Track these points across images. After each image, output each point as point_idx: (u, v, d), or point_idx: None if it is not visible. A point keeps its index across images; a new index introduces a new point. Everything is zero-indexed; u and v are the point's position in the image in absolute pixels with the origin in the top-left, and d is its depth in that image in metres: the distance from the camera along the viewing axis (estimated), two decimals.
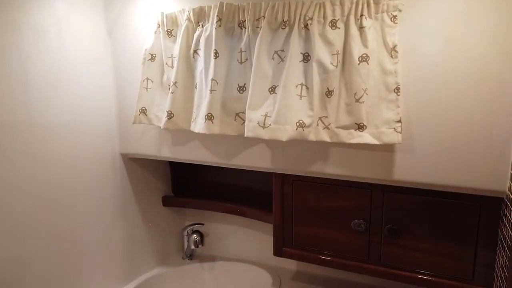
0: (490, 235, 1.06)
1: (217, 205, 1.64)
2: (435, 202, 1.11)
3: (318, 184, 1.27)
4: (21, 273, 1.10)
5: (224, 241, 1.77)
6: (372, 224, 1.21)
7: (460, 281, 1.12)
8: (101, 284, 1.37)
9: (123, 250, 1.47)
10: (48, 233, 1.17)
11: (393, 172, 1.08)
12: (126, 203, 1.48)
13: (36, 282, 1.14)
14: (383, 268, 1.22)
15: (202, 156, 1.33)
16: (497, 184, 0.98)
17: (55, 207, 1.19)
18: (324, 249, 1.30)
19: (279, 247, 1.37)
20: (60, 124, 1.20)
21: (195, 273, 1.68)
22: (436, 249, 1.13)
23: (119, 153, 1.44)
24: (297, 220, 1.32)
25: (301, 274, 1.57)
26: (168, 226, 1.73)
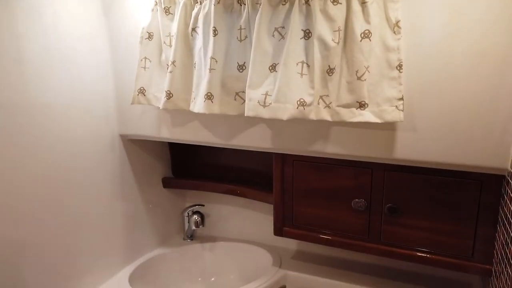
0: (490, 212, 1.07)
1: (217, 186, 1.64)
2: (436, 180, 1.11)
3: (319, 163, 1.26)
4: (21, 255, 1.10)
5: (224, 222, 1.77)
6: (373, 203, 1.21)
7: (459, 259, 1.13)
8: (102, 265, 1.38)
9: (124, 231, 1.48)
10: (48, 215, 1.17)
11: (394, 151, 1.07)
12: (126, 185, 1.47)
13: (37, 264, 1.14)
14: (383, 246, 1.23)
15: (201, 137, 1.32)
16: (499, 161, 0.97)
17: (54, 189, 1.19)
18: (324, 228, 1.31)
19: (279, 226, 1.38)
20: (57, 105, 1.18)
21: (196, 253, 1.70)
22: (436, 227, 1.14)
23: (118, 134, 1.43)
24: (297, 200, 1.33)
25: (302, 253, 1.59)
26: (169, 208, 1.74)
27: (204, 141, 1.32)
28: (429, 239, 1.15)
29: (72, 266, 1.26)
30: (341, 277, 1.39)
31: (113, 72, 1.37)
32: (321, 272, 1.43)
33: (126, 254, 1.50)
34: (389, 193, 1.18)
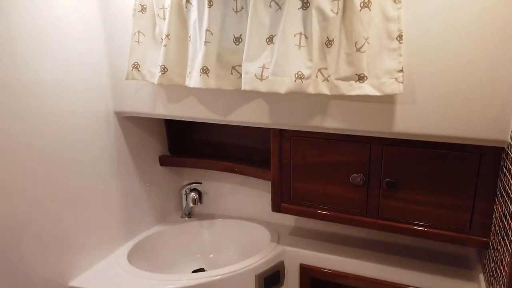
0: (489, 185, 1.06)
1: (214, 164, 1.63)
2: (435, 154, 1.11)
3: (317, 139, 1.25)
4: (19, 233, 1.10)
5: (222, 199, 1.77)
6: (371, 178, 1.21)
7: (457, 232, 1.14)
8: (100, 242, 1.38)
9: (121, 210, 1.47)
10: (43, 192, 1.16)
11: (394, 124, 1.06)
12: (122, 163, 1.46)
13: (35, 242, 1.14)
14: (381, 221, 1.23)
15: (198, 113, 1.30)
16: (498, 133, 0.96)
17: (49, 166, 1.17)
18: (322, 204, 1.30)
19: (277, 203, 1.38)
20: (49, 81, 1.15)
21: (194, 231, 1.70)
22: (434, 201, 1.14)
23: (113, 111, 1.40)
24: (295, 175, 1.32)
25: (299, 229, 1.59)
26: (166, 186, 1.73)
27: (201, 117, 1.30)
28: (427, 213, 1.16)
29: (70, 244, 1.25)
30: (339, 252, 1.40)
31: (106, 47, 1.34)
32: (319, 248, 1.43)
33: (124, 232, 1.50)
34: (387, 168, 1.17)
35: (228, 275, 1.29)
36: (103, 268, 1.34)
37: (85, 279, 1.28)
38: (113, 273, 1.31)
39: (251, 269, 1.34)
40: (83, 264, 1.31)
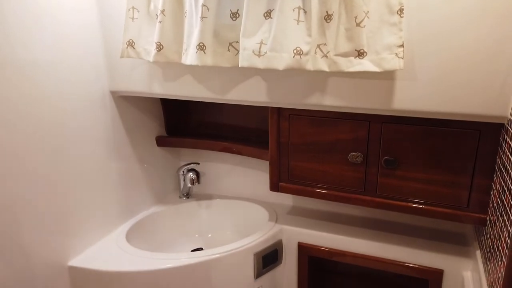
0: (488, 162, 1.06)
1: (212, 144, 1.62)
2: (434, 131, 1.10)
3: (315, 117, 1.24)
4: (17, 215, 1.09)
5: (220, 180, 1.77)
6: (369, 156, 1.20)
7: (455, 209, 1.14)
8: (98, 222, 1.38)
9: (119, 190, 1.47)
10: (42, 175, 1.15)
11: (393, 101, 1.05)
12: (119, 143, 1.45)
13: (34, 224, 1.14)
14: (378, 199, 1.23)
15: (194, 92, 1.28)
16: (499, 109, 0.96)
17: (46, 148, 1.16)
18: (320, 183, 1.30)
19: (275, 182, 1.38)
20: (44, 60, 1.13)
21: (192, 211, 1.70)
22: (433, 178, 1.14)
23: (108, 90, 1.38)
24: (293, 154, 1.31)
25: (297, 209, 1.60)
26: (164, 167, 1.72)
27: (197, 96, 1.29)
28: (425, 191, 1.16)
29: (68, 224, 1.25)
30: (336, 230, 1.41)
31: (100, 24, 1.31)
32: (316, 226, 1.44)
33: (122, 212, 1.49)
34: (386, 146, 1.17)
35: (226, 254, 1.30)
36: (101, 248, 1.34)
37: (84, 258, 1.29)
38: (112, 252, 1.32)
39: (250, 247, 1.34)
40: (81, 244, 1.31)
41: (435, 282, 1.25)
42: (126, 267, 1.24)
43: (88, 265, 1.25)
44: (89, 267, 1.25)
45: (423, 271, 1.26)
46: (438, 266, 1.25)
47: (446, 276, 1.24)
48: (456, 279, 1.22)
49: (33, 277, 1.15)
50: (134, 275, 1.23)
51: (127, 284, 1.23)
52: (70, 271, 1.25)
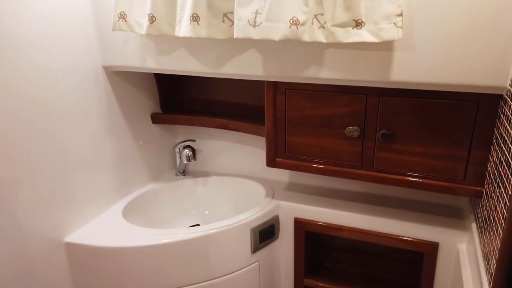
0: (485, 134, 1.05)
1: (208, 121, 1.61)
2: (431, 104, 1.09)
3: (312, 91, 1.22)
4: (13, 194, 1.08)
5: (216, 157, 1.76)
6: (366, 130, 1.19)
7: (451, 182, 1.14)
8: (94, 200, 1.37)
9: (114, 168, 1.45)
10: (35, 154, 1.13)
11: (391, 73, 1.03)
12: (113, 120, 1.43)
13: (29, 201, 1.13)
14: (375, 173, 1.23)
15: (189, 66, 1.25)
16: (498, 80, 0.94)
17: (39, 126, 1.13)
18: (317, 158, 1.30)
19: (271, 157, 1.37)
20: (32, 34, 1.09)
21: (188, 188, 1.70)
22: (430, 151, 1.13)
23: (101, 65, 1.35)
24: (290, 130, 1.30)
25: (294, 185, 1.60)
26: (159, 144, 1.71)
27: (192, 71, 1.26)
28: (422, 164, 1.15)
29: (64, 201, 1.24)
30: (333, 205, 1.41)
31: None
32: (313, 202, 1.44)
33: (118, 190, 1.49)
34: (383, 119, 1.16)
35: (223, 229, 1.30)
36: (98, 225, 1.34)
37: (80, 235, 1.28)
38: (108, 229, 1.32)
39: (246, 223, 1.34)
40: (77, 221, 1.31)
41: (430, 255, 1.26)
42: (123, 243, 1.24)
43: (84, 241, 1.25)
44: (86, 243, 1.25)
45: (418, 244, 1.27)
46: (433, 239, 1.25)
47: (441, 249, 1.25)
48: (451, 251, 1.23)
49: (30, 253, 1.15)
50: (131, 251, 1.23)
51: (124, 259, 1.24)
52: (66, 247, 1.26)
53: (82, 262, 1.27)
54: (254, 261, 1.40)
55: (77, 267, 1.28)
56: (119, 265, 1.24)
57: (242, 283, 1.39)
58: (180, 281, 1.28)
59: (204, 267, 1.30)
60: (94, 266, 1.26)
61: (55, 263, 1.23)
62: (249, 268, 1.39)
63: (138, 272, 1.25)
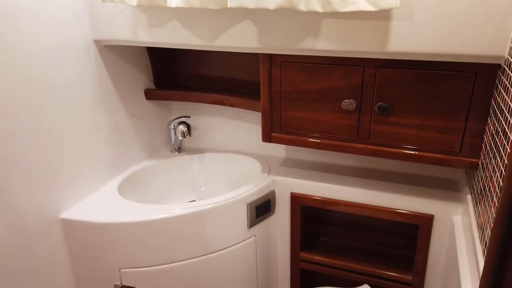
0: (482, 106, 1.05)
1: (203, 97, 1.58)
2: (429, 75, 1.07)
3: (308, 64, 1.20)
4: (6, 172, 1.06)
5: (212, 133, 1.75)
6: (363, 103, 1.18)
7: (447, 154, 1.14)
8: (89, 176, 1.36)
9: (108, 144, 1.44)
10: (28, 131, 1.11)
11: (389, 43, 1.01)
12: (106, 96, 1.40)
13: (23, 179, 1.11)
14: (371, 146, 1.22)
15: (182, 38, 1.22)
16: (496, 49, 0.93)
17: (30, 103, 1.11)
18: (314, 132, 1.29)
19: (267, 132, 1.36)
20: (19, 7, 1.06)
21: (184, 165, 1.69)
22: (426, 124, 1.12)
23: (91, 39, 1.32)
24: (285, 104, 1.28)
25: (290, 160, 1.59)
26: (154, 121, 1.69)
27: (185, 43, 1.23)
28: (418, 136, 1.15)
29: (58, 178, 1.23)
30: (329, 180, 1.41)
31: None
32: (309, 176, 1.44)
33: (113, 167, 1.48)
34: (380, 91, 1.14)
35: (219, 204, 1.30)
36: (93, 201, 1.34)
37: (76, 211, 1.28)
38: (104, 205, 1.31)
39: (242, 198, 1.35)
40: (72, 197, 1.30)
41: (425, 227, 1.28)
42: (119, 219, 1.24)
43: (80, 217, 1.25)
44: (82, 219, 1.24)
45: (414, 216, 1.28)
46: (428, 211, 1.26)
47: (436, 221, 1.26)
48: (446, 223, 1.24)
49: (26, 230, 1.14)
50: (128, 226, 1.23)
51: (121, 235, 1.24)
52: (62, 224, 1.25)
53: (79, 238, 1.27)
54: (251, 236, 1.41)
55: (74, 243, 1.28)
56: (116, 240, 1.24)
57: (239, 257, 1.40)
58: (177, 255, 1.29)
59: (201, 242, 1.30)
60: (91, 242, 1.26)
61: (51, 239, 1.23)
62: (246, 243, 1.40)
63: (135, 248, 1.25)
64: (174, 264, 1.29)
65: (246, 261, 1.42)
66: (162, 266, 1.28)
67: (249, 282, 1.46)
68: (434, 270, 1.32)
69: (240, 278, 1.42)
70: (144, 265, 1.27)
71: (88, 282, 1.32)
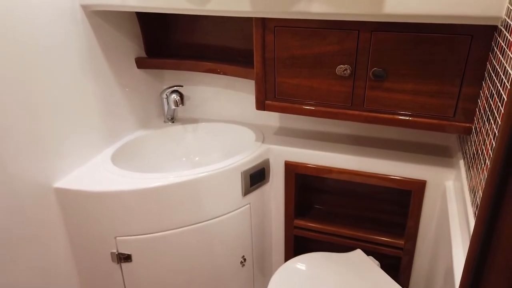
0: (477, 69, 1.04)
1: (196, 65, 1.56)
2: (424, 38, 1.06)
3: (302, 28, 1.17)
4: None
5: (205, 103, 1.73)
6: (357, 69, 1.17)
7: (441, 119, 1.14)
8: (81, 146, 1.35)
9: (100, 114, 1.42)
10: (17, 102, 1.08)
11: (384, 5, 0.99)
12: (96, 65, 1.37)
13: (15, 150, 1.10)
14: (365, 113, 1.22)
15: (172, 2, 1.19)
16: (493, 10, 0.91)
17: (18, 73, 1.08)
18: (307, 99, 1.28)
19: (261, 100, 1.34)
20: None
21: (178, 135, 1.68)
22: (421, 89, 1.12)
23: (78, 3, 1.27)
24: (279, 70, 1.27)
25: (284, 129, 1.59)
26: (146, 91, 1.66)
27: (175, 7, 1.20)
28: (412, 102, 1.14)
29: (51, 149, 1.22)
30: (323, 148, 1.42)
31: None
32: (303, 145, 1.44)
33: (106, 137, 1.46)
34: (375, 56, 1.13)
35: (214, 172, 1.30)
36: (87, 170, 1.33)
37: (70, 180, 1.27)
38: (98, 174, 1.31)
39: (237, 166, 1.35)
40: (65, 167, 1.29)
41: (418, 192, 1.29)
42: (113, 187, 1.23)
43: (74, 186, 1.25)
44: (75, 188, 1.24)
45: (406, 182, 1.30)
46: (421, 177, 1.28)
47: (429, 186, 1.27)
48: (438, 188, 1.26)
49: (20, 198, 1.14)
50: (122, 195, 1.23)
51: (115, 203, 1.24)
52: (56, 193, 1.25)
53: (73, 207, 1.27)
54: (245, 204, 1.42)
55: (69, 212, 1.28)
56: (111, 209, 1.25)
57: (234, 225, 1.41)
58: (173, 223, 1.30)
59: (196, 210, 1.31)
60: (85, 211, 1.26)
61: (46, 208, 1.23)
62: (241, 211, 1.41)
63: (130, 216, 1.25)
64: (169, 232, 1.30)
65: (241, 229, 1.44)
66: (158, 234, 1.29)
67: (244, 249, 1.48)
68: (426, 235, 1.35)
69: (235, 245, 1.44)
70: (139, 233, 1.28)
71: (85, 251, 1.33)
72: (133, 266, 1.32)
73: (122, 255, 1.30)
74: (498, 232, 0.57)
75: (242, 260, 1.49)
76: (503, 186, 0.56)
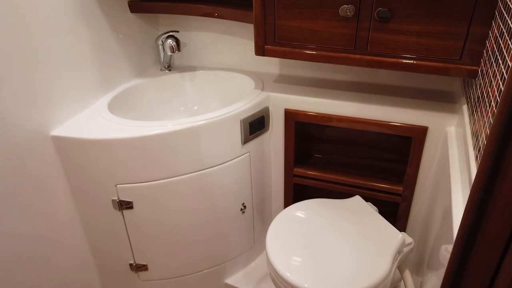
0: (488, 7, 0.99)
1: (191, 8, 1.48)
2: None
3: None
4: None
5: (203, 50, 1.67)
6: (362, 9, 1.11)
7: (446, 62, 1.10)
8: (76, 95, 1.31)
9: (94, 62, 1.37)
10: (9, 52, 1.03)
11: None
12: (86, 10, 1.30)
13: (10, 102, 1.06)
14: (368, 56, 1.18)
15: None
16: None
17: (6, 28, 1.02)
18: (309, 43, 1.23)
19: (260, 45, 1.29)
20: None
21: (175, 83, 1.64)
22: (427, 29, 1.07)
23: None
24: (279, 12, 1.21)
25: (284, 77, 1.55)
26: (141, 37, 1.60)
27: None
28: (418, 44, 1.10)
29: (46, 97, 1.18)
30: (323, 95, 1.39)
31: None
32: (303, 92, 1.41)
33: (101, 85, 1.42)
34: None
35: (212, 120, 1.28)
36: (83, 118, 1.31)
37: (67, 128, 1.25)
38: (94, 122, 1.29)
39: (236, 114, 1.32)
40: (62, 115, 1.26)
41: (418, 139, 1.28)
42: (111, 135, 1.22)
43: (71, 134, 1.23)
44: (73, 135, 1.22)
45: (407, 129, 1.28)
46: (423, 123, 1.26)
47: (430, 133, 1.26)
48: (440, 134, 1.25)
49: (17, 147, 1.12)
50: (121, 142, 1.22)
51: (114, 151, 1.23)
52: (53, 141, 1.23)
53: (72, 155, 1.26)
54: (245, 152, 1.42)
55: (67, 160, 1.27)
56: (110, 157, 1.24)
57: (233, 172, 1.41)
58: (173, 171, 1.30)
59: (195, 157, 1.30)
60: (84, 159, 1.26)
61: (44, 156, 1.22)
62: (240, 159, 1.41)
63: (130, 164, 1.25)
64: (169, 180, 1.30)
65: (241, 177, 1.45)
66: (158, 182, 1.30)
67: (244, 197, 1.50)
68: (424, 182, 1.35)
69: (235, 192, 1.46)
70: (140, 180, 1.28)
71: (86, 198, 1.34)
72: (134, 213, 1.34)
73: (123, 202, 1.32)
74: (504, 168, 0.56)
75: (242, 207, 1.51)
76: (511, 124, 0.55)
